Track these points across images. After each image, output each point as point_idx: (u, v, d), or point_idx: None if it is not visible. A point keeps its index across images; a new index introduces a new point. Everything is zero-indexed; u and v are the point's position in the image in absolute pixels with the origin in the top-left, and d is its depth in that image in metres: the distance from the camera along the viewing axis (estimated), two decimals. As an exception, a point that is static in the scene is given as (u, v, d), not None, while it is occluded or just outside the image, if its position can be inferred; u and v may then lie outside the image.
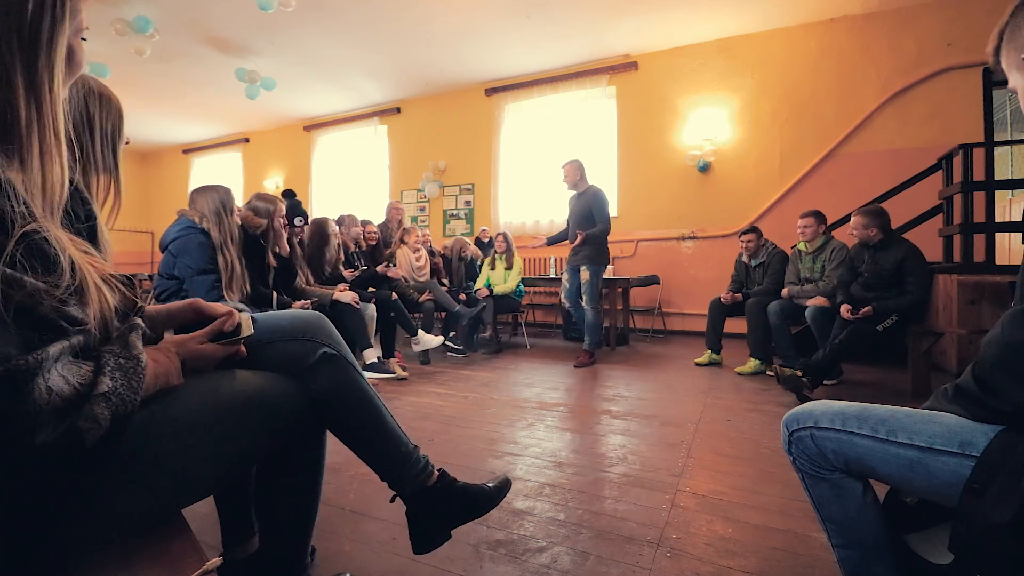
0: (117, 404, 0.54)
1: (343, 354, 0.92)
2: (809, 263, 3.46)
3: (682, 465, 1.87)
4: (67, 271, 0.51)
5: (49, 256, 0.50)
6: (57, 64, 0.54)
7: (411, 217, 7.07)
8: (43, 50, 0.52)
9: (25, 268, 0.47)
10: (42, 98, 0.52)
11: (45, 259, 0.49)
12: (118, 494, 0.62)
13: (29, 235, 0.48)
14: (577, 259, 3.86)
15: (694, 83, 5.46)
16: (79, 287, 0.53)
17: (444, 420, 2.46)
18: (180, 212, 2.23)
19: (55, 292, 0.50)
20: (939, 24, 4.48)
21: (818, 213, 3.46)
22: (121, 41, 4.88)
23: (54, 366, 0.49)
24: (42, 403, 0.47)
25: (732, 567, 1.22)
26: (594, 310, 3.83)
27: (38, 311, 0.49)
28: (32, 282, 0.48)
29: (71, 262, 0.52)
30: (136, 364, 0.59)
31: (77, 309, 0.52)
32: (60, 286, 0.50)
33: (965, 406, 0.76)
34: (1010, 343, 0.70)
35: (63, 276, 0.51)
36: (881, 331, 2.84)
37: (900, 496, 0.88)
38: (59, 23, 0.53)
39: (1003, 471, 0.65)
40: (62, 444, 0.50)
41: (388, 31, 5.17)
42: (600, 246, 3.84)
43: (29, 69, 0.51)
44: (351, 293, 3.13)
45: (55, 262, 0.50)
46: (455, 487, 1.04)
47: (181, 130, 8.52)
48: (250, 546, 1.16)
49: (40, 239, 0.49)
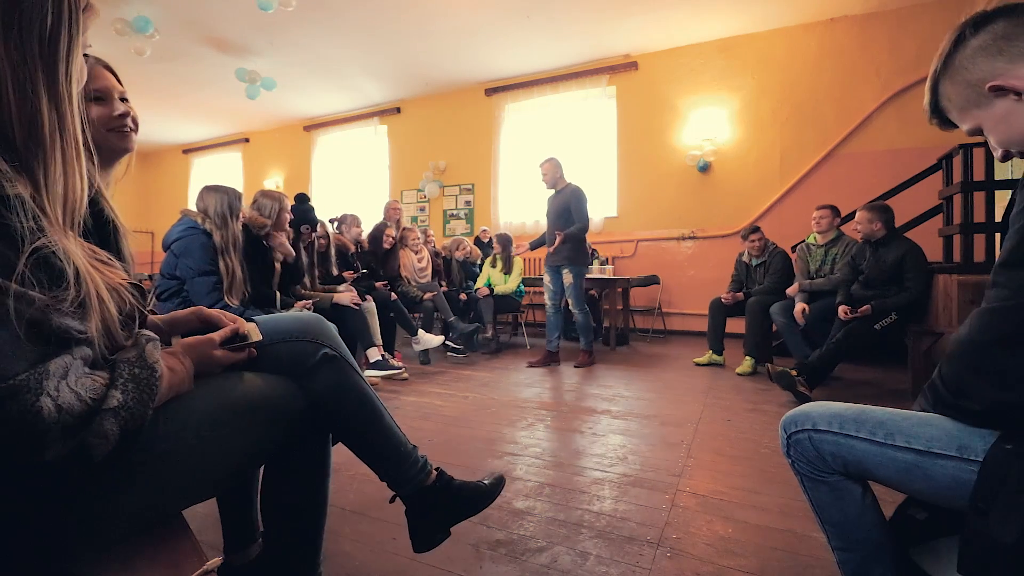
0: (126, 419, 0.55)
1: (343, 355, 0.93)
2: (820, 255, 3.46)
3: (682, 465, 1.87)
4: (72, 283, 0.51)
5: (55, 269, 0.50)
6: (74, 76, 0.55)
7: (411, 217, 7.07)
8: (62, 62, 0.54)
9: (32, 283, 0.48)
10: (63, 108, 0.54)
11: (51, 272, 0.50)
12: (122, 494, 0.62)
13: (38, 249, 0.49)
14: (557, 259, 3.76)
15: (694, 83, 5.46)
16: (83, 300, 0.53)
17: (444, 420, 2.46)
18: (183, 212, 2.23)
19: (60, 306, 0.50)
20: (939, 24, 4.48)
21: (834, 207, 3.49)
22: (121, 41, 4.87)
23: (63, 381, 0.49)
24: (51, 421, 0.47)
25: (732, 567, 1.22)
26: (582, 312, 3.79)
27: (45, 325, 0.49)
28: (40, 297, 0.48)
29: (76, 272, 0.52)
30: (151, 374, 0.59)
31: (78, 321, 0.52)
32: (66, 299, 0.51)
33: (937, 407, 0.76)
34: (976, 342, 0.69)
35: (68, 289, 0.51)
36: (879, 330, 2.84)
37: (910, 512, 0.87)
38: (75, 37, 0.55)
39: (1005, 489, 0.65)
40: (70, 459, 0.50)
41: (388, 31, 5.17)
42: (579, 246, 3.75)
43: (50, 80, 0.53)
44: (350, 294, 3.12)
45: (61, 275, 0.50)
46: (453, 485, 1.05)
47: (181, 130, 8.52)
48: (250, 552, 1.16)
49: (48, 253, 0.49)
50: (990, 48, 0.72)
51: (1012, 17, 0.71)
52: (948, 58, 0.78)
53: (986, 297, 0.71)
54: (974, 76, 0.74)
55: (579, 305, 3.76)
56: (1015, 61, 0.70)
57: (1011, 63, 0.70)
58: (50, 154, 0.52)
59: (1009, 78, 0.70)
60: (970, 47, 0.74)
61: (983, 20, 0.74)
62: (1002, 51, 0.71)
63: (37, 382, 0.47)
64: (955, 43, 0.77)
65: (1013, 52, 0.70)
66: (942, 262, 3.21)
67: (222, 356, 0.79)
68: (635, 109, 5.74)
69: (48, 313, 0.49)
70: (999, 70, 0.71)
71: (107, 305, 0.56)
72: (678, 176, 5.54)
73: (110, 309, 0.57)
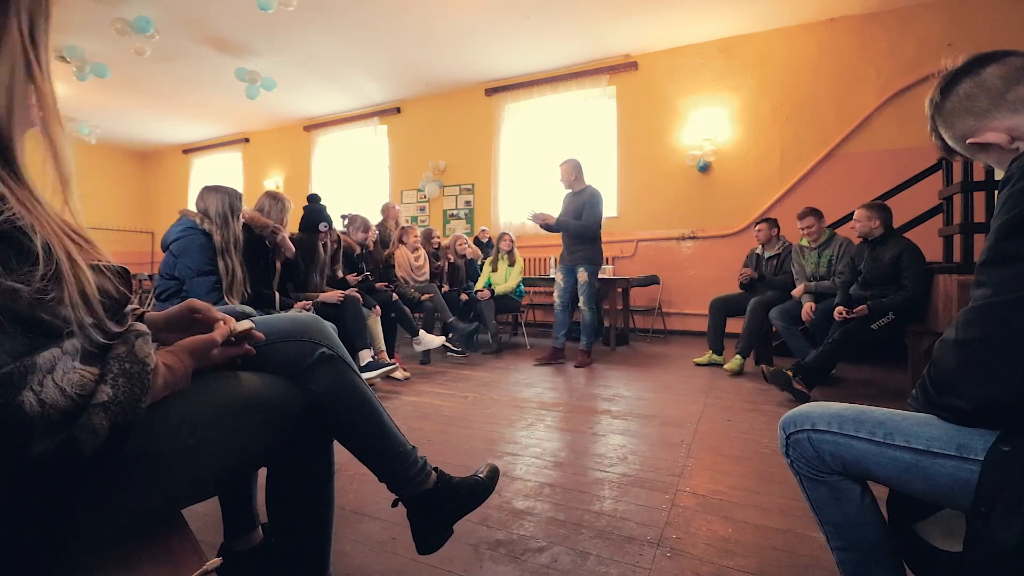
0: (117, 413, 0.54)
1: (341, 355, 0.93)
2: (814, 259, 3.46)
3: (682, 465, 1.88)
4: (41, 258, 0.49)
5: (23, 246, 0.48)
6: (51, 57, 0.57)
7: (411, 217, 7.07)
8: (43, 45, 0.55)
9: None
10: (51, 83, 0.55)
11: (19, 249, 0.48)
12: (120, 494, 0.62)
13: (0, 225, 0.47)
14: (573, 259, 3.81)
15: (694, 83, 5.46)
16: (55, 272, 0.50)
17: (444, 420, 2.46)
18: (182, 212, 2.23)
19: (32, 283, 0.48)
20: (939, 24, 4.48)
21: (814, 210, 3.45)
22: (121, 41, 4.87)
23: (49, 376, 0.48)
24: (35, 416, 0.46)
25: (732, 567, 1.23)
26: (591, 311, 3.86)
27: (19, 309, 0.47)
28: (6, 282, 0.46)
29: (46, 246, 0.49)
30: (143, 368, 0.58)
31: (56, 302, 0.50)
32: (35, 275, 0.48)
33: (928, 407, 0.76)
34: (962, 340, 0.70)
35: (38, 264, 0.49)
36: (876, 330, 2.84)
37: None
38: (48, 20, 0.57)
39: (1005, 492, 0.65)
40: (59, 454, 0.49)
41: (388, 31, 5.17)
42: (597, 247, 3.81)
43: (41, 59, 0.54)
44: (335, 292, 3.07)
45: (29, 251, 0.48)
46: (452, 484, 1.05)
47: (181, 130, 8.52)
48: (252, 539, 1.16)
49: (10, 229, 0.47)
50: (958, 110, 0.82)
51: (970, 77, 0.79)
52: (934, 118, 0.87)
53: (972, 297, 0.72)
54: (957, 133, 0.83)
55: (590, 303, 3.83)
56: (981, 118, 0.79)
57: (979, 120, 0.79)
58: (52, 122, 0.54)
59: (981, 134, 0.79)
60: (945, 111, 0.83)
61: (948, 85, 0.82)
62: (969, 111, 0.80)
63: (21, 376, 0.46)
64: (933, 107, 0.86)
65: (977, 110, 0.79)
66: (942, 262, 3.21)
67: (221, 354, 0.79)
68: (635, 109, 5.74)
69: (19, 296, 0.47)
70: (970, 128, 0.80)
71: (84, 280, 0.54)
72: (678, 176, 5.54)
73: (90, 285, 0.55)
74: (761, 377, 3.07)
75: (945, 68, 0.83)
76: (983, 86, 0.78)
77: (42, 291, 0.49)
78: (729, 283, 4.57)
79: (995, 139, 0.77)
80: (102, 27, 4.74)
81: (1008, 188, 0.70)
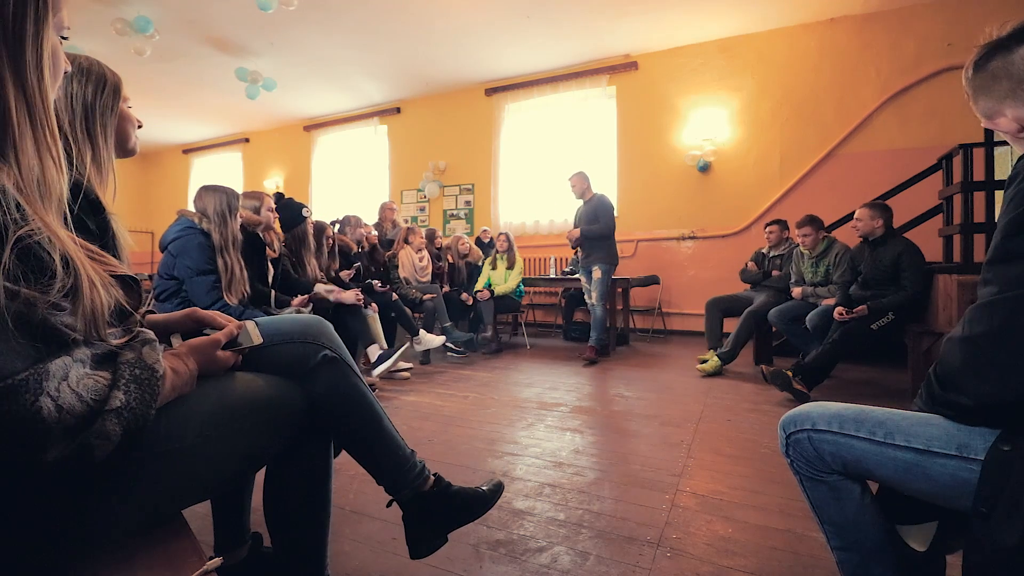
0: (129, 420, 0.54)
1: (343, 357, 0.93)
2: (811, 266, 3.45)
3: (682, 465, 1.87)
4: (59, 272, 0.50)
5: (43, 260, 0.49)
6: (45, 60, 0.53)
7: (411, 217, 7.07)
8: (29, 45, 0.51)
9: (19, 275, 0.46)
10: (31, 92, 0.52)
11: (38, 263, 0.48)
12: (124, 494, 0.62)
13: (22, 239, 0.47)
14: (589, 260, 4.06)
15: (694, 83, 5.46)
16: (73, 287, 0.51)
17: (444, 420, 2.46)
18: (180, 212, 2.23)
19: (48, 297, 0.49)
20: (939, 24, 4.48)
21: (813, 219, 3.41)
22: (121, 41, 4.87)
23: (64, 382, 0.49)
24: (52, 421, 0.47)
25: (732, 567, 1.22)
26: (603, 307, 4.03)
27: (34, 320, 0.48)
28: (27, 292, 0.46)
29: (64, 260, 0.50)
30: (152, 374, 0.59)
31: (68, 313, 0.51)
32: (53, 288, 0.49)
33: (931, 404, 0.76)
34: (967, 337, 0.70)
35: (55, 278, 0.49)
36: (876, 330, 2.84)
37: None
38: (43, 18, 0.53)
39: (1005, 492, 0.65)
40: (72, 459, 0.50)
41: (388, 31, 5.17)
42: (611, 247, 4.08)
43: (16, 63, 0.50)
44: (350, 293, 3.09)
45: (47, 265, 0.49)
46: (450, 491, 1.05)
47: (181, 130, 8.52)
48: (239, 554, 1.16)
49: (32, 243, 0.48)
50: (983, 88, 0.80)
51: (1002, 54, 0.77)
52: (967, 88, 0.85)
53: (979, 294, 0.72)
54: (980, 110, 0.82)
55: (602, 300, 4.03)
56: (1000, 102, 0.78)
57: (998, 103, 0.78)
58: (20, 141, 0.50)
59: (995, 119, 0.79)
60: (975, 85, 0.82)
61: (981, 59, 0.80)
62: (990, 92, 0.79)
63: (37, 382, 0.46)
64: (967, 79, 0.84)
65: (997, 93, 0.78)
66: (942, 262, 3.21)
67: (225, 357, 0.79)
68: (635, 109, 5.74)
69: (35, 306, 0.47)
70: (989, 109, 0.79)
71: (98, 294, 0.54)
72: (678, 176, 5.54)
73: (103, 298, 0.55)
74: (761, 377, 3.07)
75: (991, 36, 0.79)
76: (1008, 69, 0.75)
77: (57, 303, 0.50)
78: (729, 283, 4.58)
79: (1005, 127, 0.77)
80: (102, 27, 4.74)
81: (1014, 186, 0.70)
